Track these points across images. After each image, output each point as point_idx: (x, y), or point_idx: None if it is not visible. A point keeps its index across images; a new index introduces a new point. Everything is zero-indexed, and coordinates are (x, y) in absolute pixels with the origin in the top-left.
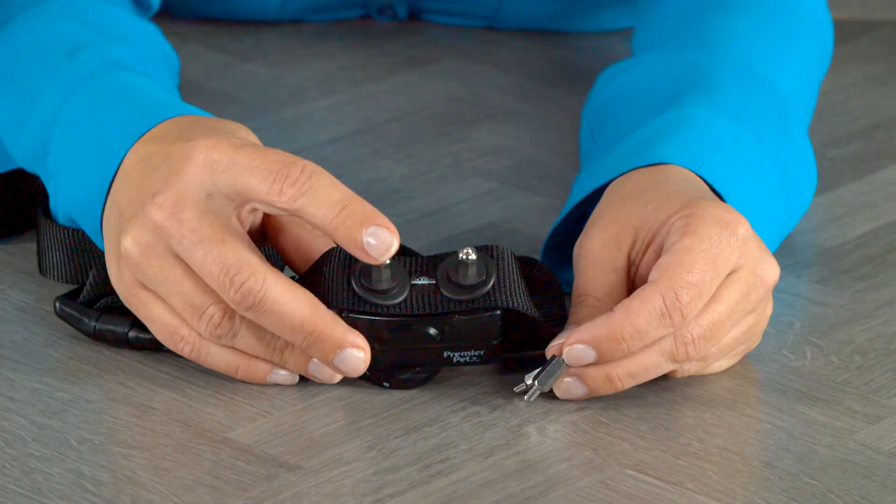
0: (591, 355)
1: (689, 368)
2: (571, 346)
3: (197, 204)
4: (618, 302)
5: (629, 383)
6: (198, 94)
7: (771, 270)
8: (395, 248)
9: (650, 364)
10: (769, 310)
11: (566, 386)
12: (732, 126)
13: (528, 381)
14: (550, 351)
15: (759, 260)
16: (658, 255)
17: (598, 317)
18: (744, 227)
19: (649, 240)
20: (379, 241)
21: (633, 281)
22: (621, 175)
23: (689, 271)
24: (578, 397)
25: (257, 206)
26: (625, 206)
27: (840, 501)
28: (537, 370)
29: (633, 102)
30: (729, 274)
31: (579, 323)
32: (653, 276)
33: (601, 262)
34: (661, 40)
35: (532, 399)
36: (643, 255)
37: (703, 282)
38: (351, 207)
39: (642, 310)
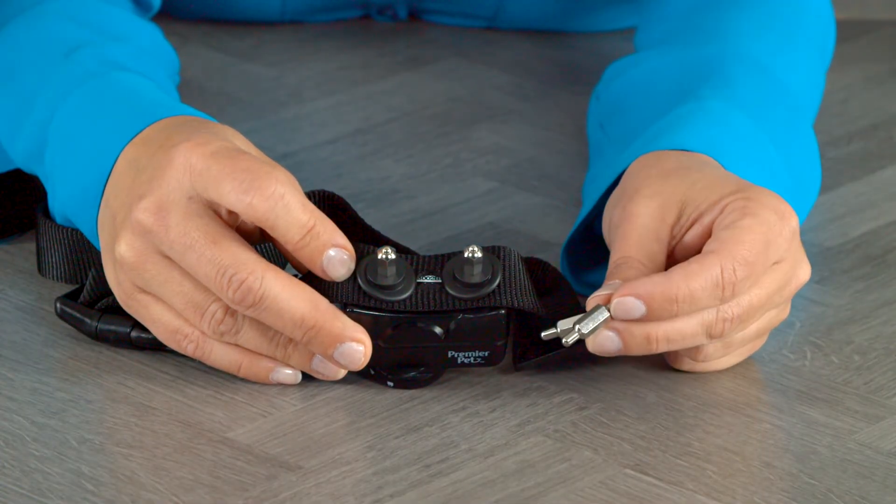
0: (640, 310)
1: (713, 352)
2: (623, 297)
3: (180, 208)
4: (657, 272)
5: (664, 347)
6: (198, 94)
7: (805, 271)
8: (351, 266)
9: (689, 332)
10: (787, 311)
11: (601, 339)
12: (749, 123)
13: (565, 326)
14: (594, 300)
15: (800, 257)
16: (704, 233)
17: (654, 275)
18: (795, 221)
19: (696, 217)
20: (335, 268)
21: (671, 255)
22: (649, 154)
23: (749, 250)
24: (610, 352)
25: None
26: (669, 181)
27: (840, 501)
28: (577, 316)
29: (648, 95)
30: (773, 263)
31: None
32: (711, 246)
33: (646, 231)
34: (667, 38)
35: (570, 343)
36: (686, 231)
37: (756, 263)
38: (316, 230)
39: (700, 276)
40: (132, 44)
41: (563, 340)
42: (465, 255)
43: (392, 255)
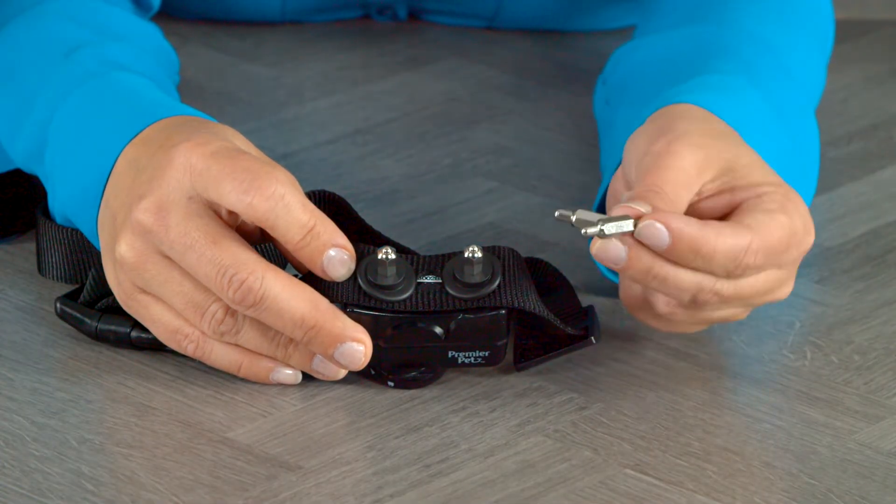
0: (665, 242)
1: (681, 314)
2: (655, 222)
3: (180, 208)
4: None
5: (655, 286)
6: (198, 94)
7: (789, 289)
8: (351, 266)
9: (683, 286)
10: (745, 315)
11: (611, 247)
12: (770, 112)
13: (583, 217)
14: (624, 210)
15: (793, 275)
16: (728, 206)
17: (693, 219)
18: (812, 239)
19: (728, 188)
20: (335, 269)
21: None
22: (695, 106)
23: (776, 244)
24: (609, 263)
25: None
26: (718, 140)
27: (840, 501)
28: (600, 214)
29: (659, 69)
30: (777, 266)
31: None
32: (747, 220)
33: (683, 175)
34: (670, 28)
35: (586, 234)
36: (710, 196)
37: (772, 258)
38: (316, 230)
39: (729, 242)
40: (132, 44)
41: (583, 231)
42: (465, 255)
43: (392, 255)
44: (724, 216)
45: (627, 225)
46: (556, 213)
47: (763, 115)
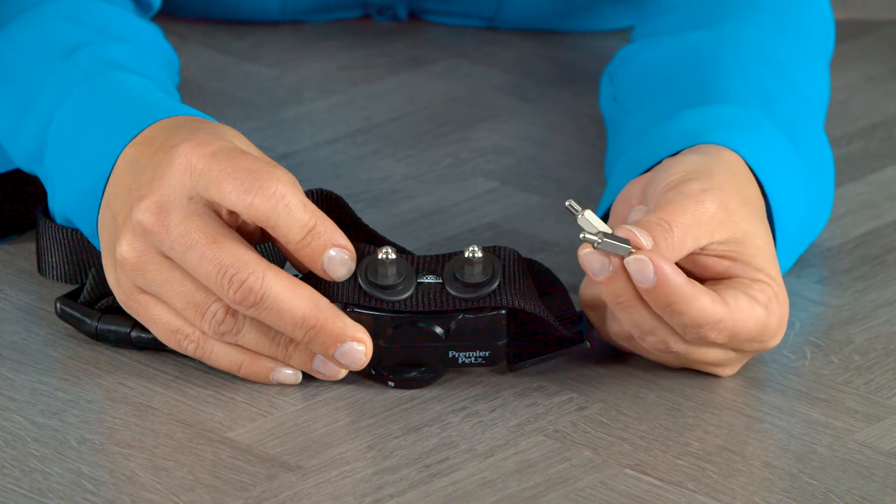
0: (647, 283)
1: (625, 342)
2: (647, 260)
3: (181, 208)
4: (675, 259)
5: (619, 314)
6: (198, 94)
7: (731, 372)
8: (352, 266)
9: (640, 324)
10: (677, 365)
11: (596, 260)
12: (794, 153)
13: (590, 220)
14: (630, 234)
15: (742, 360)
16: (721, 273)
17: (681, 273)
18: (777, 342)
19: (729, 255)
20: (336, 269)
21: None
22: (735, 157)
23: (742, 331)
24: (588, 270)
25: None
26: (743, 208)
27: (840, 501)
28: (607, 229)
29: (670, 75)
30: (731, 348)
31: (665, 233)
32: (729, 298)
33: (696, 228)
34: (670, 30)
35: (582, 237)
36: (712, 255)
37: (732, 340)
38: (317, 230)
39: (703, 311)
40: (132, 44)
41: (581, 235)
42: (466, 255)
43: (392, 255)
44: (714, 278)
45: (623, 250)
46: (567, 203)
47: (789, 157)
